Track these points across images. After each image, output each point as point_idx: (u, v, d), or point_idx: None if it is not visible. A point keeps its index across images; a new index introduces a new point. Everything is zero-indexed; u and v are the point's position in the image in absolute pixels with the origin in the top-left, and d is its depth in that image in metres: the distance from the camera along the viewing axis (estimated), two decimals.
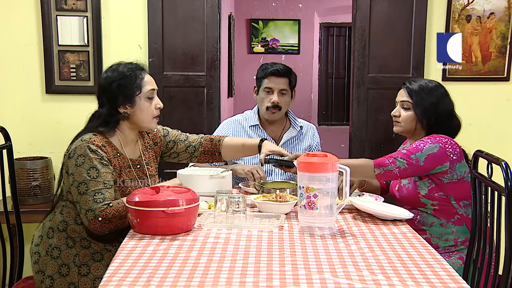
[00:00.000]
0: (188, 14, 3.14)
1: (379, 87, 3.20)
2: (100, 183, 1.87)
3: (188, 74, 3.15)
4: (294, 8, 6.55)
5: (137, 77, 1.99)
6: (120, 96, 1.98)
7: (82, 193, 1.86)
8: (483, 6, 3.18)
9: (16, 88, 3.14)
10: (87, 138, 1.92)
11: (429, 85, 2.22)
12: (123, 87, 1.97)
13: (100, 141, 1.94)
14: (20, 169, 2.87)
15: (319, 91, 6.83)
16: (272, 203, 2.05)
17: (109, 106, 1.99)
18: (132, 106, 2.00)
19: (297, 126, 2.77)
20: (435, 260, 1.55)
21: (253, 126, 2.72)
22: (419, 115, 2.20)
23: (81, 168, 1.87)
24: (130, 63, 2.03)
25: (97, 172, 1.87)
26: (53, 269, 1.92)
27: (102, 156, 1.91)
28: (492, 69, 3.24)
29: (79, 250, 1.93)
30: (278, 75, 2.65)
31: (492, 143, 3.11)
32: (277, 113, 2.67)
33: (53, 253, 1.93)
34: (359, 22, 3.20)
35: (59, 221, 1.96)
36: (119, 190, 1.98)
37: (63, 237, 1.95)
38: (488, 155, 1.89)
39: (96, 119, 2.00)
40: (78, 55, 3.11)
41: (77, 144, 1.92)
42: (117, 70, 2.00)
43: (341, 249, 1.64)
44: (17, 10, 3.10)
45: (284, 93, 2.66)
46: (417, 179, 2.16)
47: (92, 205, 1.83)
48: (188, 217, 1.80)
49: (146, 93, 2.01)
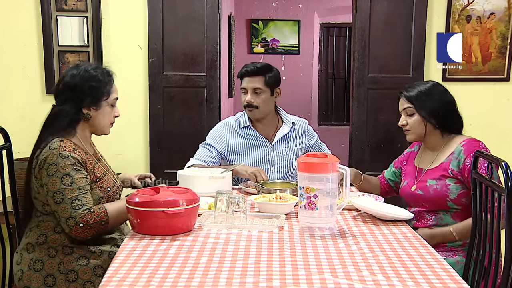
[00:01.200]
0: (188, 15, 3.14)
1: (379, 87, 3.21)
2: (76, 189, 1.84)
3: (188, 74, 3.15)
4: (294, 9, 6.55)
5: (107, 83, 2.01)
6: (89, 97, 1.96)
7: (58, 202, 1.83)
8: (483, 6, 3.18)
9: (16, 88, 3.15)
10: (56, 146, 1.88)
11: (425, 86, 2.22)
12: (95, 89, 1.97)
13: (70, 145, 1.91)
14: (20, 170, 2.85)
15: (319, 91, 6.84)
16: (272, 204, 2.05)
17: (74, 104, 1.96)
18: (97, 109, 1.99)
19: (289, 123, 2.76)
20: (435, 260, 1.55)
21: (245, 127, 2.73)
22: (425, 117, 2.19)
23: (54, 178, 1.84)
24: (100, 66, 2.04)
25: (71, 179, 1.85)
26: (38, 281, 1.88)
27: (75, 161, 1.88)
28: (492, 69, 3.24)
29: (62, 258, 1.89)
30: (251, 74, 2.65)
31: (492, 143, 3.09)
32: (254, 111, 2.66)
33: (35, 266, 1.88)
34: (359, 22, 3.20)
35: (37, 235, 1.91)
36: (98, 188, 1.96)
37: (44, 249, 1.90)
38: (488, 156, 1.89)
39: (62, 117, 1.96)
40: (78, 55, 3.11)
41: (47, 154, 1.87)
42: (89, 71, 1.98)
43: (341, 249, 1.64)
44: (17, 11, 3.10)
45: (257, 92, 2.64)
46: (450, 182, 2.14)
47: (72, 212, 1.81)
48: (188, 218, 1.80)
49: (112, 100, 2.02)
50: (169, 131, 3.20)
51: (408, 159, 2.39)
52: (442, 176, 2.15)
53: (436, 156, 2.22)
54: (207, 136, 2.74)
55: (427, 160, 2.26)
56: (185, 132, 3.16)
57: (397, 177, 2.42)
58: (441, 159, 2.19)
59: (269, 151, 2.71)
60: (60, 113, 1.97)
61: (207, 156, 2.66)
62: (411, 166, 2.34)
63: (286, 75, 6.64)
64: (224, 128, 2.74)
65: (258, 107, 2.65)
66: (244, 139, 2.71)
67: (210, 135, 2.74)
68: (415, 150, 2.38)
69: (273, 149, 2.72)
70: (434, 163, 2.21)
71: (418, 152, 2.35)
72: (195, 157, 2.67)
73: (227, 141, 2.70)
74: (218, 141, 2.70)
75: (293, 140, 2.76)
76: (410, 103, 2.21)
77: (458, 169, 2.11)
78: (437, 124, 2.20)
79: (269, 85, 2.66)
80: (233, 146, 2.70)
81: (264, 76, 2.65)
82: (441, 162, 2.18)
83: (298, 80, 6.66)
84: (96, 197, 1.94)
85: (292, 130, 2.76)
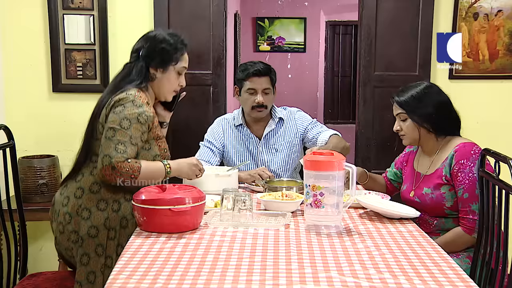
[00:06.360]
0: (194, 13, 3.14)
1: (385, 85, 3.19)
2: (127, 136, 1.91)
3: (194, 72, 3.15)
4: (300, 6, 6.54)
5: (178, 50, 2.10)
6: (158, 57, 2.06)
7: (107, 137, 1.90)
8: (490, 3, 3.16)
9: (23, 87, 3.16)
10: (133, 93, 1.98)
11: (417, 89, 2.17)
12: (165, 52, 2.07)
13: (145, 99, 2.00)
14: (27, 167, 2.89)
15: (325, 89, 6.83)
16: (278, 201, 2.05)
17: (144, 62, 2.06)
18: (163, 72, 2.08)
19: (276, 118, 2.75)
20: (442, 259, 1.55)
21: (239, 126, 2.74)
22: (417, 121, 2.16)
23: (116, 116, 1.93)
24: (177, 34, 2.13)
25: (129, 125, 1.92)
26: (84, 229, 1.94)
27: (143, 113, 1.95)
28: (500, 67, 3.22)
29: (110, 214, 1.95)
30: (260, 75, 2.65)
31: (500, 142, 3.08)
32: (264, 111, 2.68)
33: (83, 214, 1.95)
34: (366, 20, 3.19)
35: (90, 183, 1.98)
36: (157, 146, 2.03)
37: (94, 200, 1.96)
38: (496, 154, 1.88)
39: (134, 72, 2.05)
40: (84, 53, 3.12)
41: (122, 96, 1.96)
42: (164, 35, 2.09)
43: (347, 247, 1.64)
44: (24, 9, 3.11)
45: (267, 92, 2.66)
46: (445, 189, 2.12)
47: (112, 152, 1.87)
48: (195, 215, 1.80)
49: (179, 67, 2.12)
50: (175, 129, 3.20)
51: (408, 159, 2.37)
52: (437, 184, 2.13)
53: (432, 161, 2.20)
54: (206, 134, 2.78)
55: (424, 165, 2.24)
56: (191, 130, 3.15)
57: (399, 178, 2.41)
58: (437, 165, 2.16)
59: (259, 149, 2.72)
60: (132, 67, 2.07)
61: (209, 156, 2.69)
62: (410, 168, 2.32)
63: (292, 73, 6.64)
64: (220, 124, 2.79)
65: (267, 107, 2.67)
66: (236, 137, 2.75)
67: (209, 132, 2.78)
68: (414, 150, 2.36)
69: (262, 147, 2.73)
70: (430, 169, 2.19)
71: (416, 154, 2.33)
72: (197, 157, 2.68)
73: (223, 137, 2.75)
74: (217, 138, 2.74)
75: (283, 136, 2.74)
76: (402, 109, 2.19)
77: (450, 174, 2.10)
78: (431, 128, 2.17)
79: (273, 85, 2.70)
80: (227, 142, 2.74)
81: (270, 76, 2.67)
82: (437, 168, 2.15)
83: (304, 78, 6.66)
84: (154, 154, 2.03)
85: (279, 125, 2.75)
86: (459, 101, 2.30)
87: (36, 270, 2.42)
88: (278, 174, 2.71)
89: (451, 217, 2.13)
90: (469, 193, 2.04)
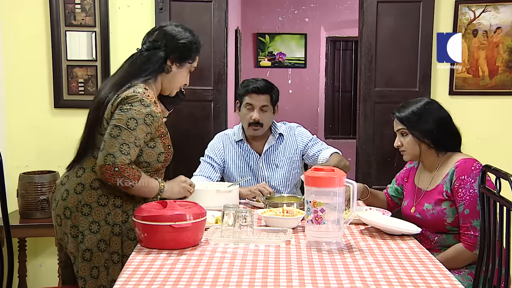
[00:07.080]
0: (195, 29, 3.10)
1: (386, 101, 3.20)
2: (133, 137, 1.90)
3: (195, 88, 3.16)
4: (301, 22, 6.59)
5: (197, 51, 2.15)
6: (178, 52, 2.08)
7: (112, 135, 1.88)
8: (489, 20, 3.19)
9: (25, 103, 3.17)
10: (141, 91, 1.96)
11: (417, 105, 2.18)
12: (187, 48, 2.10)
13: (152, 97, 1.99)
14: (28, 183, 2.89)
15: (325, 105, 6.85)
16: (279, 218, 2.04)
17: (163, 52, 2.06)
18: (178, 67, 2.10)
19: (276, 134, 2.76)
20: (443, 276, 1.54)
21: (239, 141, 2.74)
22: (418, 137, 2.17)
23: (123, 114, 1.91)
24: (198, 36, 2.17)
25: (136, 126, 1.91)
26: (84, 224, 1.93)
27: (151, 114, 1.94)
28: (499, 83, 3.23)
29: (111, 209, 1.95)
30: (258, 92, 2.65)
31: (500, 158, 3.10)
32: (260, 129, 2.68)
33: (83, 210, 1.94)
34: (366, 36, 3.21)
35: (92, 179, 1.96)
36: (162, 143, 2.02)
37: (95, 195, 1.95)
38: (496, 170, 1.88)
39: (151, 60, 2.04)
40: (86, 69, 3.14)
41: (130, 94, 1.94)
42: (191, 32, 2.13)
43: (348, 264, 1.63)
44: (27, 25, 3.14)
45: (265, 109, 2.66)
46: (446, 205, 2.12)
47: (116, 152, 1.86)
48: (195, 232, 1.79)
49: (192, 67, 2.16)
50: (176, 144, 3.19)
51: (409, 175, 2.37)
52: (438, 200, 2.13)
53: (433, 177, 2.20)
54: (207, 149, 2.78)
55: (425, 181, 2.24)
56: (191, 146, 3.16)
57: (400, 194, 2.41)
58: (438, 180, 2.17)
59: (259, 165, 2.72)
60: (151, 55, 2.06)
61: (210, 171, 2.69)
62: (411, 184, 2.32)
63: (292, 88, 6.66)
64: (221, 139, 2.79)
65: (263, 125, 2.67)
66: (236, 152, 2.75)
67: (210, 148, 2.78)
68: (415, 166, 2.37)
69: (262, 163, 2.73)
70: (431, 185, 2.19)
71: (417, 170, 2.33)
72: (198, 173, 2.69)
73: (224, 153, 2.75)
74: (217, 154, 2.74)
75: (283, 152, 2.75)
76: (403, 124, 2.20)
77: (450, 190, 2.10)
78: (431, 144, 2.18)
79: (274, 103, 2.70)
80: (228, 158, 2.74)
81: (270, 94, 2.68)
82: (437, 184, 2.16)
83: (304, 93, 6.68)
84: (158, 152, 2.02)
85: (280, 141, 2.76)
86: (459, 117, 2.31)
87: (36, 286, 2.41)
88: (279, 190, 2.71)
89: (452, 233, 2.12)
90: (470, 209, 2.04)
